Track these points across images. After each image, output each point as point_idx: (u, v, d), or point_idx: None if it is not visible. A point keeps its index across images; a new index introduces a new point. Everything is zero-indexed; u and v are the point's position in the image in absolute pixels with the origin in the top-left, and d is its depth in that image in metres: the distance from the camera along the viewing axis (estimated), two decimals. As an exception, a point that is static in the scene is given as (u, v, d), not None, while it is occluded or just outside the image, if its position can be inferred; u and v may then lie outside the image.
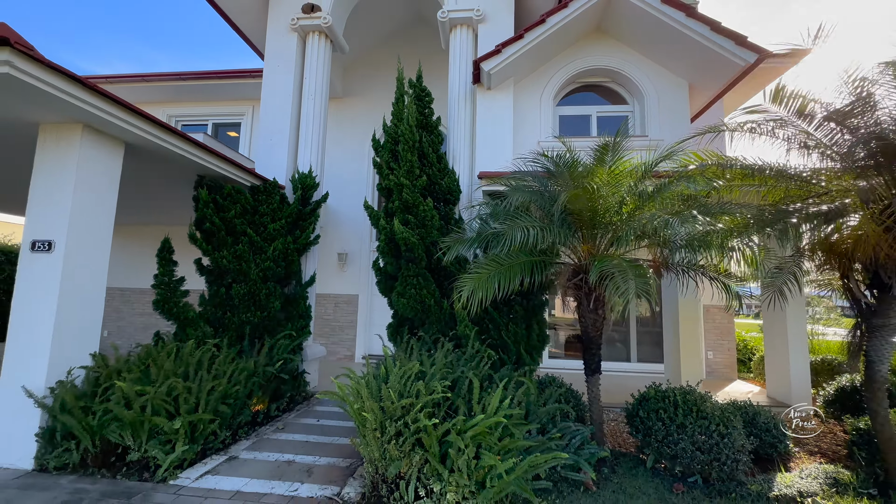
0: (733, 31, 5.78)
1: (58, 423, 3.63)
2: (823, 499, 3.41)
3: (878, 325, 3.40)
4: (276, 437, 4.56)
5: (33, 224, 3.92)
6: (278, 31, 7.27)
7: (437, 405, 3.38)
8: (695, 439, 3.59)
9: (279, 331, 5.69)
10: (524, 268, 3.60)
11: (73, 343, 3.94)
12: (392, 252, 5.19)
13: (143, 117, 4.18)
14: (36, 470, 3.59)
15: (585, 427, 4.00)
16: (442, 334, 4.95)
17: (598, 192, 3.34)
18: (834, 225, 3.06)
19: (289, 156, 6.98)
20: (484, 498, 3.02)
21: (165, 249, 5.10)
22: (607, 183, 3.39)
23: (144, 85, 9.98)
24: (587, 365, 4.13)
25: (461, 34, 6.98)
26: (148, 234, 9.57)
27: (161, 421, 3.60)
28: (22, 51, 3.06)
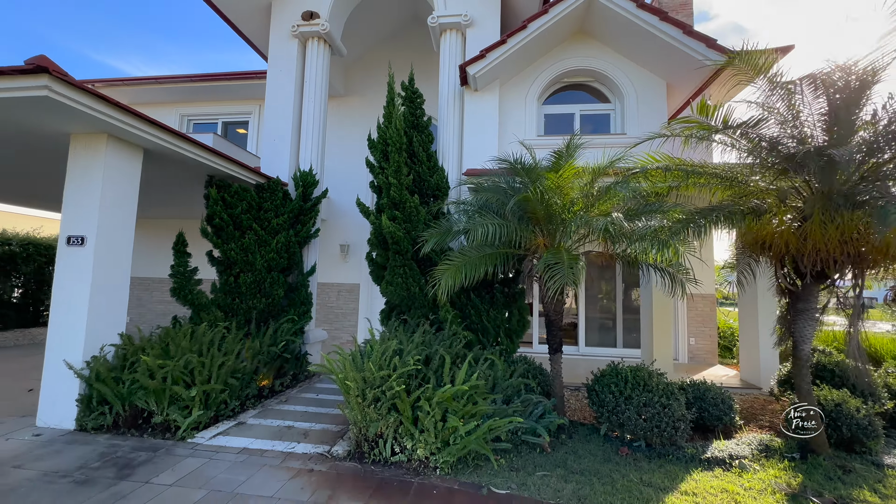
0: (703, 35, 6.11)
1: (93, 390, 4.28)
2: (750, 461, 3.90)
3: (801, 309, 3.83)
4: (279, 407, 5.19)
5: (68, 221, 4.53)
6: (280, 38, 7.77)
7: (412, 376, 3.94)
8: (639, 409, 4.09)
9: (283, 316, 6.30)
10: (488, 260, 4.10)
11: (103, 324, 4.58)
12: (381, 244, 5.73)
13: (159, 127, 4.74)
14: (77, 430, 4.25)
15: (548, 400, 4.53)
16: (426, 318, 5.50)
17: (543, 195, 3.80)
18: (746, 221, 3.48)
19: (291, 155, 7.52)
20: (448, 453, 3.57)
21: (180, 243, 5.73)
22: (557, 186, 3.84)
23: (160, 87, 10.58)
24: (550, 345, 4.64)
25: (450, 38, 7.39)
26: (164, 227, 10.27)
27: (179, 390, 4.23)
28: (58, 76, 3.63)
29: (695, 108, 4.10)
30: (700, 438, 4.43)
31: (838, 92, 3.39)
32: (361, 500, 3.12)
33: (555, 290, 3.47)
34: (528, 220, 4.20)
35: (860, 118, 3.36)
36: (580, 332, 9.25)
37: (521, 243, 4.19)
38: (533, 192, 3.73)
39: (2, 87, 3.63)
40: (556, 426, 4.37)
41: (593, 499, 3.19)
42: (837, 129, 3.40)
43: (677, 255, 3.43)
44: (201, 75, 10.31)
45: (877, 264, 3.39)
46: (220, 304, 5.93)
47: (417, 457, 3.65)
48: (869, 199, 2.90)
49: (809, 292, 3.76)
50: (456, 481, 3.44)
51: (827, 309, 4.18)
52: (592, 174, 4.25)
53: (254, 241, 6.09)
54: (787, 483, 3.51)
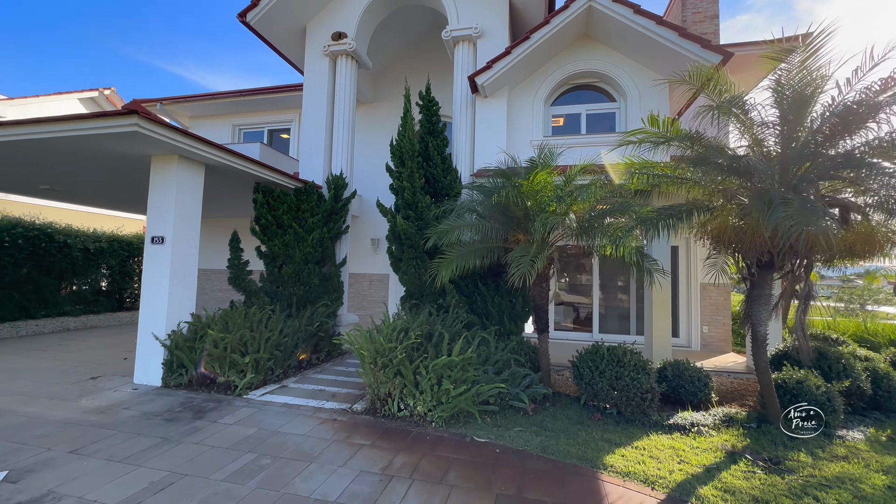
0: (698, 36, 6.42)
1: (174, 357, 5.51)
2: (709, 428, 4.43)
3: (756, 295, 4.27)
4: (315, 376, 6.26)
5: (152, 224, 5.76)
6: (314, 57, 8.79)
7: (416, 348, 4.80)
8: (612, 382, 4.72)
9: (318, 301, 7.38)
10: (476, 254, 4.83)
11: (179, 306, 5.80)
12: (397, 240, 6.60)
13: (215, 147, 5.86)
14: (162, 387, 5.50)
15: (536, 374, 5.25)
16: (434, 303, 6.34)
17: (516, 198, 4.45)
18: (697, 219, 3.94)
19: (324, 160, 8.57)
20: (441, 410, 4.42)
21: (235, 240, 6.91)
22: (532, 189, 4.47)
23: (215, 102, 12.02)
24: (537, 326, 5.33)
25: (463, 49, 8.06)
26: (222, 226, 11.76)
27: (236, 357, 5.36)
28: (144, 116, 4.76)
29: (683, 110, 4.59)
30: (673, 410, 4.97)
31: (786, 102, 3.79)
32: (370, 440, 4.04)
33: (517, 278, 4.16)
34: (510, 218, 4.89)
35: (804, 127, 3.74)
36: (594, 320, 9.70)
37: (508, 238, 4.89)
38: (506, 195, 4.43)
39: (105, 124, 4.82)
40: (542, 395, 5.09)
41: (554, 448, 3.91)
42: (785, 136, 3.81)
43: (631, 249, 4.00)
44: (249, 90, 11.62)
45: (806, 257, 3.78)
46: (266, 291, 7.09)
47: (418, 412, 4.52)
48: (792, 200, 3.33)
49: (762, 280, 4.19)
50: (446, 431, 4.28)
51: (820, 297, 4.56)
52: (566, 178, 4.84)
53: (293, 238, 7.17)
54: (732, 445, 4.05)
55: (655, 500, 3.14)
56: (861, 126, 3.43)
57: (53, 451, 3.63)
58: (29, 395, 5.01)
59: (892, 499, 3.13)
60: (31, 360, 6.74)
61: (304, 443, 3.94)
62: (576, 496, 3.15)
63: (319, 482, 3.24)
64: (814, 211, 3.01)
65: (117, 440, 3.87)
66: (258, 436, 4.07)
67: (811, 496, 3.15)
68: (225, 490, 3.09)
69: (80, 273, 11.25)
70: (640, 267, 4.59)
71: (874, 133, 3.42)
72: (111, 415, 4.49)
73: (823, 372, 5.12)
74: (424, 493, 3.14)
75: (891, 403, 5.19)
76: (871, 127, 3.42)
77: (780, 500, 3.10)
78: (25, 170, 6.80)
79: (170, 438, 3.94)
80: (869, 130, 3.45)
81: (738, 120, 3.96)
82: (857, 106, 3.36)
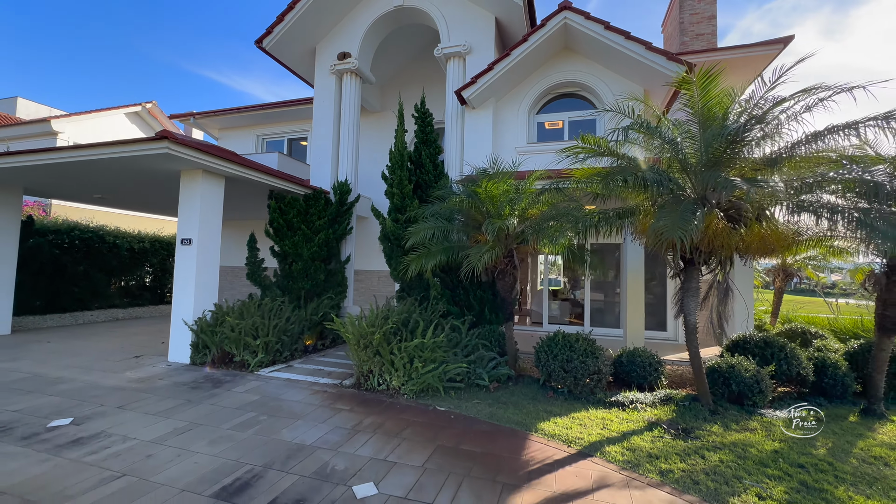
0: (662, 50, 6.89)
1: (199, 339, 6.58)
2: (646, 405, 5.02)
3: (686, 287, 4.82)
4: (318, 358, 7.21)
5: (181, 228, 6.85)
6: (322, 75, 9.76)
7: (394, 333, 5.62)
8: (563, 364, 5.38)
9: (324, 294, 8.34)
10: (442, 252, 5.58)
11: (203, 297, 6.87)
12: (388, 240, 7.45)
13: (233, 162, 6.88)
14: (190, 364, 6.58)
15: (502, 357, 5.98)
16: (420, 296, 7.14)
17: (469, 205, 5.15)
18: (622, 221, 4.53)
19: (332, 168, 9.54)
20: (412, 384, 5.23)
21: (251, 241, 7.97)
22: (488, 196, 5.15)
23: (240, 115, 13.26)
24: (503, 315, 6.04)
25: (454, 64, 8.80)
26: (242, 227, 13.00)
27: (249, 340, 6.36)
28: (173, 140, 5.80)
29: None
30: (623, 391, 5.57)
31: (690, 124, 4.34)
32: (350, 406, 4.91)
33: (466, 273, 4.89)
34: (472, 221, 5.61)
35: (703, 144, 4.26)
36: (586, 314, 10.24)
37: (471, 238, 5.62)
38: (460, 201, 5.16)
39: (142, 148, 5.90)
40: (505, 376, 5.81)
41: (500, 416, 4.65)
42: (685, 153, 4.35)
43: (563, 247, 4.65)
44: (270, 104, 12.78)
45: (714, 255, 4.32)
46: (279, 285, 8.12)
47: (393, 386, 5.36)
48: (673, 209, 3.86)
49: (689, 275, 4.74)
50: (415, 402, 5.09)
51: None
52: (527, 184, 5.51)
53: (302, 238, 8.16)
54: (657, 418, 4.64)
55: (567, 453, 3.82)
56: (743, 146, 3.93)
57: (105, 406, 4.70)
58: (86, 368, 6.19)
59: (768, 459, 3.69)
60: (88, 343, 8.05)
61: (296, 406, 4.86)
62: (501, 448, 3.89)
63: (301, 433, 4.13)
64: (683, 218, 3.58)
65: (152, 401, 4.91)
66: (261, 401, 5.01)
67: (699, 455, 3.76)
68: (228, 435, 4.03)
69: (127, 270, 12.77)
70: (573, 261, 5.22)
71: (757, 153, 3.92)
72: (149, 383, 5.57)
73: (766, 359, 5.58)
74: (380, 442, 3.96)
75: (835, 391, 5.57)
76: (752, 145, 3.91)
77: (671, 456, 3.72)
78: (82, 182, 8.10)
79: (192, 401, 4.95)
80: (751, 148, 3.94)
81: (646, 137, 4.53)
82: (735, 133, 3.87)
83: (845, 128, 3.59)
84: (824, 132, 3.74)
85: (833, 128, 3.67)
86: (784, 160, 3.98)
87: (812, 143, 3.81)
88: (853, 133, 3.57)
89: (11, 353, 6.97)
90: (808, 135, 3.81)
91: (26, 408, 4.59)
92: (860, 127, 3.53)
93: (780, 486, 3.27)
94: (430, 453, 3.75)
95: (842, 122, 3.62)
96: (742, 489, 3.21)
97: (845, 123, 3.60)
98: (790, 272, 9.98)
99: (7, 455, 3.53)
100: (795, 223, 4.30)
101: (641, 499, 3.11)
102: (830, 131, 3.70)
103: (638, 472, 3.50)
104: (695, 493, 3.17)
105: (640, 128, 4.50)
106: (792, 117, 4.02)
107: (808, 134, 3.81)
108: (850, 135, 3.61)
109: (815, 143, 3.79)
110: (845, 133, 3.62)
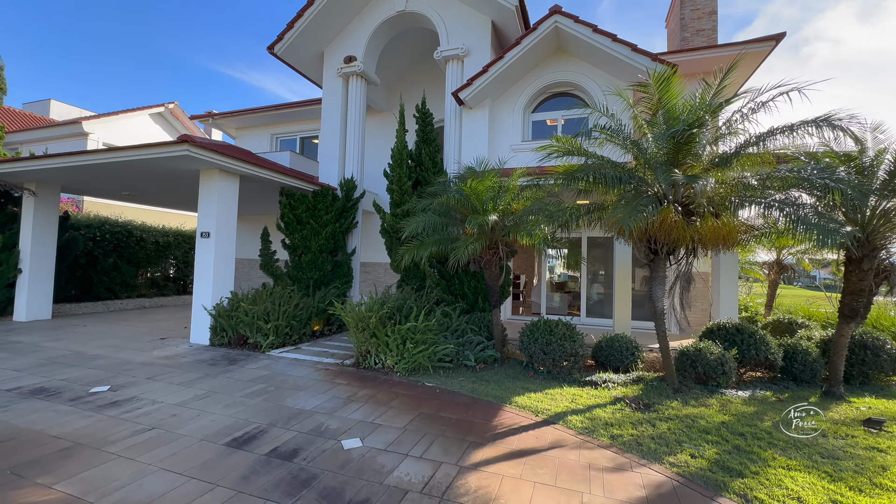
0: (647, 52, 7.22)
1: (217, 323, 7.28)
2: (617, 385, 5.46)
3: (654, 276, 5.23)
4: (324, 342, 7.85)
5: (201, 223, 7.54)
6: (330, 78, 10.34)
7: (390, 317, 6.18)
8: (543, 347, 5.85)
9: (331, 284, 8.97)
10: (432, 244, 6.07)
11: (221, 285, 7.57)
12: (388, 233, 8.01)
13: (247, 161, 7.52)
14: (209, 345, 7.30)
15: (489, 341, 6.49)
16: (419, 286, 7.69)
17: (455, 201, 5.63)
18: (594, 215, 4.95)
19: (339, 166, 10.14)
20: (404, 363, 5.79)
21: (265, 234, 8.64)
22: (473, 192, 5.62)
23: (255, 115, 13.99)
24: (490, 303, 6.53)
25: (452, 66, 9.25)
26: (259, 222, 13.76)
27: (261, 324, 7.03)
28: (193, 143, 6.45)
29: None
30: (600, 372, 6.00)
31: (648, 125, 4.73)
32: (347, 381, 5.50)
33: (453, 263, 5.40)
34: (460, 216, 6.11)
35: (668, 142, 4.64)
36: (582, 305, 10.64)
37: (460, 231, 6.14)
38: (448, 198, 5.66)
39: (165, 150, 6.57)
40: (492, 358, 6.32)
41: (481, 391, 5.17)
42: (648, 151, 4.74)
43: (538, 240, 5.10)
44: (283, 104, 13.46)
45: (678, 247, 4.72)
46: (289, 275, 8.78)
47: (387, 365, 5.93)
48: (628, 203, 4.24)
49: (657, 265, 5.15)
50: (406, 379, 5.65)
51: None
52: (498, 184, 5.97)
53: (310, 232, 8.79)
54: (624, 395, 5.09)
55: (532, 421, 4.32)
56: (694, 146, 4.30)
57: (136, 378, 5.40)
58: (119, 348, 6.96)
59: (713, 429, 4.11)
60: (119, 327, 8.88)
61: (300, 381, 5.48)
62: (475, 416, 4.41)
63: (302, 401, 4.73)
64: (636, 209, 3.98)
65: (176, 374, 5.60)
66: (269, 375, 5.65)
67: (650, 423, 4.21)
68: (240, 401, 4.66)
69: (153, 262, 13.70)
70: (542, 253, 5.66)
71: (706, 154, 4.28)
72: (173, 360, 6.28)
73: (737, 344, 5.94)
74: (370, 409, 4.53)
75: (804, 375, 5.90)
76: (705, 145, 4.28)
77: (624, 425, 4.19)
78: (113, 181, 8.90)
79: (210, 374, 5.62)
80: (702, 148, 4.30)
81: (609, 137, 4.93)
82: (681, 135, 4.23)
83: (784, 130, 3.94)
84: (766, 134, 4.09)
85: (773, 130, 4.02)
86: (733, 159, 4.33)
87: (758, 144, 4.16)
88: (791, 133, 3.90)
89: (55, 335, 7.82)
90: (754, 136, 4.16)
91: (71, 377, 5.33)
92: (797, 129, 3.87)
93: (715, 448, 3.71)
94: (411, 418, 4.30)
95: (781, 125, 3.97)
96: (679, 451, 3.66)
97: (784, 126, 3.95)
98: (784, 265, 10.17)
99: (59, 412, 4.22)
100: (746, 218, 4.65)
101: (588, 456, 3.59)
102: (771, 133, 4.05)
103: (592, 436, 3.98)
104: (636, 453, 3.64)
105: (603, 129, 4.91)
106: (739, 120, 4.38)
107: (753, 135, 4.16)
108: (791, 135, 3.94)
109: (760, 144, 4.15)
110: (788, 133, 3.96)
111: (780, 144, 4.39)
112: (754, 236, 4.99)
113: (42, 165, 7.68)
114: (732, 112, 4.41)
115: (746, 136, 4.28)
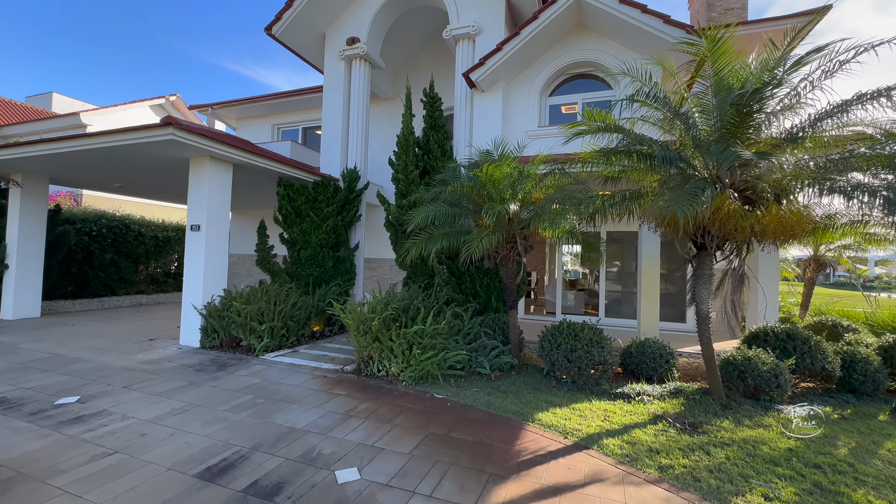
0: (682, 23, 6.46)
1: (208, 323, 6.71)
2: (653, 398, 4.78)
3: (699, 275, 4.52)
4: (324, 344, 7.25)
5: (191, 215, 6.95)
6: (332, 61, 9.68)
7: (394, 319, 5.55)
8: (567, 354, 5.18)
9: (332, 282, 8.36)
10: (442, 238, 5.42)
11: (212, 282, 6.98)
12: (392, 226, 7.36)
13: (240, 149, 6.91)
14: (199, 347, 6.73)
15: (505, 346, 5.83)
16: (427, 284, 7.04)
17: (468, 189, 4.96)
18: (627, 204, 4.25)
19: (342, 155, 9.50)
20: (411, 371, 5.15)
21: (261, 228, 8.04)
22: (489, 180, 4.96)
23: (256, 104, 13.39)
24: (506, 303, 5.86)
25: (463, 46, 8.54)
26: (254, 215, 13.19)
27: (255, 324, 6.43)
28: (177, 126, 5.85)
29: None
30: (630, 383, 5.33)
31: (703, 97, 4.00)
32: (347, 391, 4.88)
33: (465, 258, 4.73)
34: (474, 206, 5.43)
35: (728, 112, 3.91)
36: (601, 304, 9.93)
37: (474, 223, 5.46)
38: (461, 186, 4.99)
39: (148, 134, 5.98)
40: (508, 365, 5.67)
41: (498, 405, 4.52)
42: (699, 128, 4.02)
43: (563, 231, 4.42)
44: (284, 93, 12.84)
45: (728, 240, 3.99)
46: (288, 272, 8.19)
47: (392, 373, 5.30)
48: (679, 186, 3.56)
49: (701, 261, 4.44)
50: (413, 389, 5.02)
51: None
52: (518, 170, 5.28)
53: (310, 226, 8.18)
54: (664, 411, 4.41)
55: (562, 445, 3.67)
56: (758, 117, 3.58)
57: (111, 386, 4.83)
58: (102, 350, 6.42)
59: (781, 458, 3.42)
60: (109, 326, 8.37)
61: (294, 391, 4.87)
62: (493, 438, 3.76)
63: (294, 417, 4.12)
64: (690, 194, 3.29)
65: (157, 382, 5.02)
66: (260, 384, 5.05)
67: (704, 450, 3.53)
68: (223, 416, 4.06)
69: (153, 257, 13.19)
70: (587, 249, 4.98)
71: (775, 129, 3.56)
72: (157, 365, 5.71)
73: (788, 352, 5.22)
74: (371, 428, 3.91)
75: (865, 387, 5.18)
76: (770, 117, 3.56)
77: (673, 451, 3.52)
78: (100, 171, 8.35)
79: (195, 383, 5.03)
80: (769, 122, 3.59)
81: (653, 110, 4.21)
82: (747, 101, 3.51)
83: (878, 96, 3.21)
84: (852, 101, 3.36)
85: (862, 96, 3.30)
86: (806, 135, 3.62)
87: (838, 116, 3.44)
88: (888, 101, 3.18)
89: (37, 335, 7.31)
90: (834, 105, 3.44)
91: (39, 385, 4.77)
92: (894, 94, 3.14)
93: (791, 486, 3.02)
94: (419, 440, 3.67)
95: (872, 90, 3.23)
96: (748, 489, 2.99)
97: (877, 91, 3.22)
98: (822, 262, 9.34)
99: (12, 430, 3.66)
100: (822, 206, 3.94)
101: (636, 495, 2.93)
102: (860, 99, 3.32)
103: (636, 466, 3.31)
104: (694, 491, 2.97)
105: (647, 98, 4.20)
106: (814, 85, 3.64)
107: (834, 104, 3.44)
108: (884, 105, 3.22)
109: (841, 116, 3.43)
110: (878, 101, 3.24)
111: (857, 118, 3.66)
112: (822, 227, 4.26)
113: (14, 154, 7.13)
114: (800, 79, 3.68)
115: (820, 107, 3.56)
